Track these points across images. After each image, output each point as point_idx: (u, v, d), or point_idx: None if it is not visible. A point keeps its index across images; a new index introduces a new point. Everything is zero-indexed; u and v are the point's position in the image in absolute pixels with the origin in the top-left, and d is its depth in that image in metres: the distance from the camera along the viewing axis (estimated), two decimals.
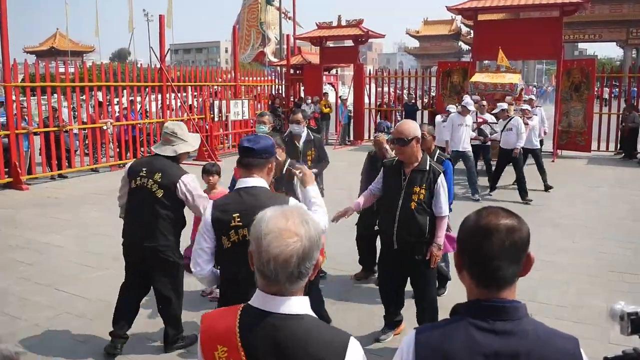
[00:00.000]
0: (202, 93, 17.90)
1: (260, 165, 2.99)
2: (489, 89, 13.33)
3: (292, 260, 1.53)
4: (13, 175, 11.79)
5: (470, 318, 1.53)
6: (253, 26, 43.29)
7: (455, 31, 67.71)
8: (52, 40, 63.17)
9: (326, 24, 20.97)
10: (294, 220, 1.58)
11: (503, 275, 1.53)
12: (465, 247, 1.60)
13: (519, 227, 1.56)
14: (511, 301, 1.54)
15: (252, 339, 1.57)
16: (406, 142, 4.19)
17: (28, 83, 12.61)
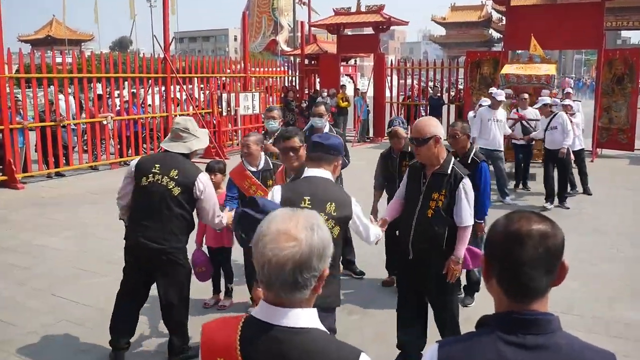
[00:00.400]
0: (209, 85, 18.01)
1: (329, 161, 3.53)
2: (522, 81, 12.83)
3: (286, 267, 1.51)
4: (7, 173, 11.97)
5: (499, 331, 1.52)
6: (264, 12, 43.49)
7: (486, 17, 67.45)
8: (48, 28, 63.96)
9: (344, 10, 21.00)
10: (297, 223, 1.56)
11: (535, 285, 1.52)
12: (494, 254, 1.59)
13: (553, 232, 1.54)
14: (544, 313, 1.53)
15: (254, 352, 1.57)
16: (422, 142, 4.09)
17: (23, 74, 12.80)
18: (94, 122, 13.97)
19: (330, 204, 3.41)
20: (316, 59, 22.51)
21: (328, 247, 1.58)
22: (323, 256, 1.56)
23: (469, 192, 4.18)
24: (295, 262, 1.51)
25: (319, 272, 1.56)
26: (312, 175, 3.50)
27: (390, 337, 4.79)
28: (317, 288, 1.59)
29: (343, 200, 3.51)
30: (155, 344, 5.03)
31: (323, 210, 3.34)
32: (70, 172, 13.60)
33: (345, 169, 6.86)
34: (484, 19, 68.10)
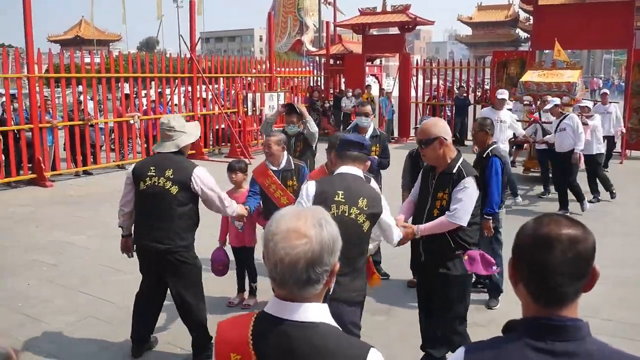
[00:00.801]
0: (234, 85, 18.09)
1: (363, 160, 3.75)
2: (542, 89, 12.26)
3: (299, 264, 1.53)
4: (36, 171, 12.15)
5: (527, 337, 1.49)
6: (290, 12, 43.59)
7: (513, 17, 66.74)
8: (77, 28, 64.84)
9: (370, 9, 20.95)
10: (306, 221, 1.58)
11: (565, 291, 1.49)
12: (523, 259, 1.55)
13: (584, 237, 1.50)
14: (573, 319, 1.49)
15: (265, 347, 1.59)
16: (427, 143, 4.07)
17: (52, 74, 12.99)
18: (121, 122, 14.11)
19: (363, 199, 3.52)
20: (341, 59, 22.49)
21: (337, 242, 1.61)
22: (333, 251, 1.59)
23: (468, 191, 4.04)
24: (308, 260, 1.53)
25: (330, 266, 1.59)
26: (346, 172, 3.64)
27: (414, 338, 4.76)
28: (328, 282, 1.62)
29: (374, 197, 3.61)
30: (181, 343, 5.06)
31: (355, 204, 3.49)
32: (97, 170, 13.77)
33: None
34: (510, 19, 67.38)
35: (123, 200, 4.68)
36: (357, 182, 3.61)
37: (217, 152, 17.06)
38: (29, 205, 10.43)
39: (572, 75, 12.31)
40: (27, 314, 5.69)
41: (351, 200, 3.50)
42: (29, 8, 11.99)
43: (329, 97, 21.68)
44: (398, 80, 20.35)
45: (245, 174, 5.89)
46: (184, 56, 17.28)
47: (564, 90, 11.96)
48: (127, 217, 4.70)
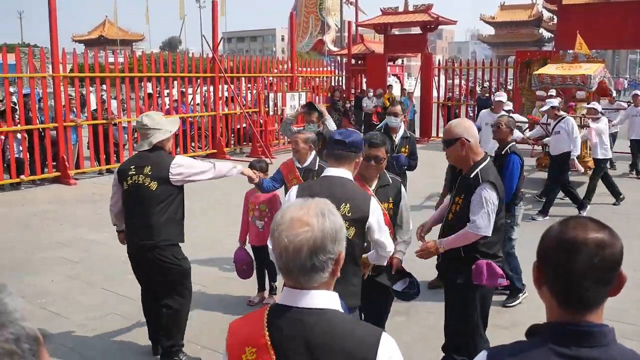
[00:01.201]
0: (256, 85, 18.15)
1: (350, 159, 3.34)
2: (556, 82, 11.93)
3: (302, 252, 1.58)
4: (61, 169, 12.31)
5: (551, 343, 1.46)
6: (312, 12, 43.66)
7: (536, 17, 66.19)
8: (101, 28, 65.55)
9: (392, 9, 20.92)
10: (308, 210, 1.64)
11: (590, 296, 1.46)
12: (548, 263, 1.51)
13: (611, 241, 1.46)
14: (599, 325, 1.47)
15: (280, 335, 1.62)
16: (449, 143, 3.95)
17: (76, 73, 13.15)
18: None
19: (345, 204, 3.22)
20: (363, 59, 22.48)
21: (341, 231, 1.66)
22: (337, 239, 1.64)
23: (483, 198, 3.83)
24: (310, 246, 1.59)
25: (334, 254, 1.64)
26: (331, 174, 3.34)
27: (434, 340, 4.73)
28: (335, 271, 1.66)
29: (360, 201, 3.30)
30: (203, 341, 5.08)
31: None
32: None
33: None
34: (534, 18, 66.83)
35: (112, 200, 4.72)
36: (341, 186, 3.27)
37: (238, 152, 17.13)
38: (53, 203, 10.57)
39: (588, 69, 11.83)
40: (50, 310, 5.77)
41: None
42: (54, 9, 12.14)
43: (350, 97, 21.65)
44: (420, 80, 20.26)
45: (266, 173, 5.89)
46: (206, 56, 17.38)
47: (579, 83, 11.58)
48: (117, 216, 4.74)
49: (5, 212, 9.88)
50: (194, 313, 5.55)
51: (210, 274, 6.78)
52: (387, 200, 3.93)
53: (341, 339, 1.58)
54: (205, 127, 16.04)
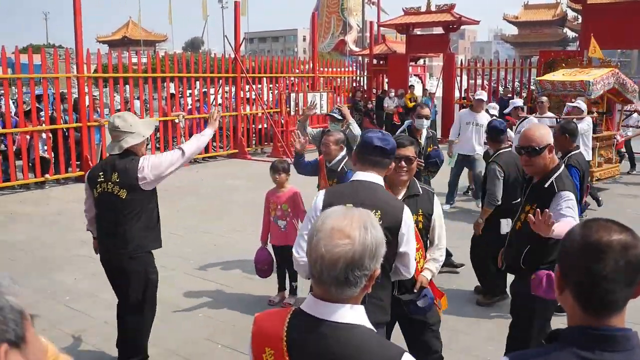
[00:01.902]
0: (277, 85, 18.19)
1: (385, 165, 3.15)
2: (557, 89, 11.51)
3: (338, 264, 1.53)
4: (84, 169, 12.45)
5: (574, 347, 1.45)
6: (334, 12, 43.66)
7: (560, 16, 65.51)
8: (124, 29, 66.20)
9: (414, 9, 20.82)
10: (351, 221, 1.58)
11: (614, 299, 1.45)
12: (571, 266, 1.50)
13: (634, 243, 1.45)
14: (622, 329, 1.46)
15: (298, 343, 1.60)
16: (535, 152, 3.75)
17: (101, 74, 13.30)
18: (166, 121, 14.34)
19: (376, 211, 2.93)
20: (384, 59, 22.41)
21: (381, 247, 1.59)
22: (375, 256, 1.58)
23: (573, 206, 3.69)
24: (348, 260, 1.53)
25: (370, 271, 1.58)
26: (361, 179, 3.11)
27: (452, 343, 4.71)
28: (367, 287, 1.61)
29: (393, 208, 3.05)
30: (219, 338, 5.11)
31: None
32: None
33: None
34: (558, 18, 66.13)
35: (85, 205, 4.56)
36: (372, 192, 3.06)
37: (259, 152, 17.19)
38: (77, 202, 10.69)
39: (593, 74, 11.22)
40: (73, 308, 5.84)
41: None
42: (79, 10, 12.29)
43: (371, 97, 21.61)
44: (442, 81, 20.16)
45: (288, 174, 5.91)
46: (228, 56, 17.48)
47: (579, 89, 11.03)
48: (91, 222, 4.59)
49: (31, 210, 10.03)
50: (213, 312, 5.61)
51: (231, 273, 6.82)
52: (416, 212, 3.59)
53: (359, 356, 1.54)
54: (226, 127, 16.11)
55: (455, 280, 6.62)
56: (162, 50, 46.01)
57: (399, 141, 3.61)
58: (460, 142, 9.68)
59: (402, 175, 3.63)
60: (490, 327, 5.36)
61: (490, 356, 4.75)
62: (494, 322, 5.47)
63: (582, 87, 10.86)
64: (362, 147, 3.17)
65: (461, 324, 5.45)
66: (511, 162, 5.78)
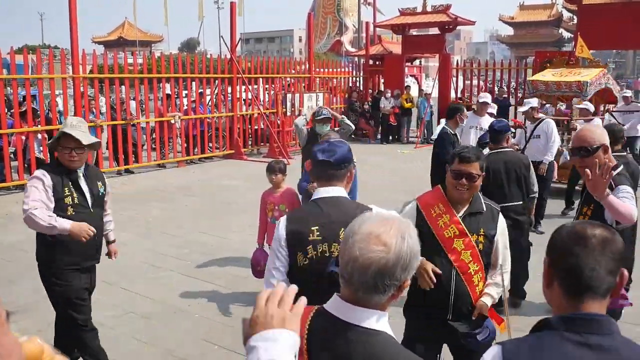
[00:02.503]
0: (274, 85, 18.20)
1: (341, 176, 2.86)
2: (551, 89, 10.89)
3: (370, 269, 1.53)
4: None
5: (562, 331, 1.55)
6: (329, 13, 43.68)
7: (556, 17, 65.67)
8: (120, 29, 66.11)
9: (410, 10, 20.89)
10: (389, 229, 1.57)
11: (597, 285, 1.57)
12: (558, 257, 1.65)
13: (614, 238, 1.62)
14: (604, 315, 1.58)
15: (318, 343, 1.60)
16: (588, 152, 3.67)
17: (96, 74, 13.28)
18: (162, 121, 14.33)
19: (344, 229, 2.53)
20: (381, 60, 22.43)
21: (415, 259, 1.59)
22: (408, 267, 1.57)
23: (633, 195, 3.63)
24: (380, 267, 1.53)
25: (400, 281, 1.58)
26: (323, 196, 2.82)
27: None
28: (395, 296, 1.60)
29: None
30: (215, 338, 5.12)
31: (335, 239, 2.64)
32: (138, 169, 14.01)
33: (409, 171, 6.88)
34: (554, 18, 66.28)
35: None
36: (337, 207, 2.76)
37: (255, 152, 17.19)
38: None
39: (586, 75, 10.71)
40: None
41: (330, 235, 2.67)
42: (75, 10, 12.27)
43: (367, 98, 21.62)
44: (438, 81, 20.19)
45: (285, 174, 5.91)
46: (224, 57, 17.47)
47: (575, 90, 10.46)
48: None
49: None
50: (210, 313, 5.61)
51: (228, 274, 6.82)
52: (477, 232, 3.29)
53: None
54: (222, 127, 16.11)
55: None
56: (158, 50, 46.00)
57: (463, 154, 3.35)
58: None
59: (463, 193, 3.31)
60: None
61: None
62: None
63: (579, 88, 10.36)
64: (312, 164, 2.95)
65: None
66: (498, 163, 5.71)
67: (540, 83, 11.01)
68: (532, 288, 5.82)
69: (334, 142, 2.93)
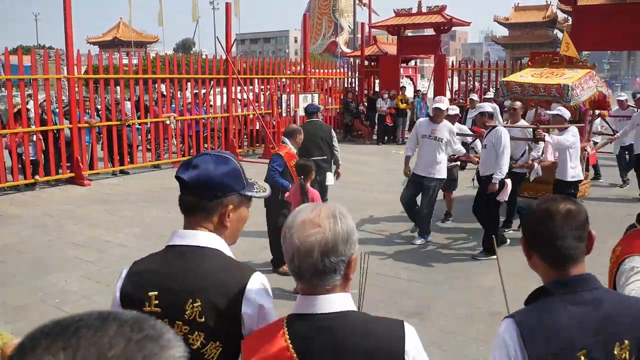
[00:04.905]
0: (269, 86, 18.19)
1: (209, 211, 1.93)
2: (527, 92, 9.31)
3: (313, 252, 1.56)
4: (75, 170, 12.40)
5: (560, 294, 1.78)
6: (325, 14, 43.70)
7: (551, 18, 65.80)
8: (115, 30, 65.90)
9: (405, 11, 20.88)
10: (319, 213, 1.62)
11: (572, 252, 1.81)
12: (532, 233, 1.90)
13: (577, 209, 1.86)
14: (588, 273, 1.84)
15: (306, 347, 1.58)
16: None
17: (91, 75, 13.25)
18: (157, 122, 14.31)
19: (193, 301, 1.83)
20: (376, 61, 22.44)
21: (353, 233, 1.63)
22: (349, 241, 1.61)
23: None
24: (322, 247, 1.57)
25: (346, 257, 1.61)
26: (177, 244, 1.94)
27: (445, 344, 4.72)
28: (347, 274, 1.64)
29: (223, 287, 1.85)
30: None
31: (179, 315, 1.84)
32: (133, 170, 13.98)
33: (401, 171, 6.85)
34: (548, 19, 66.40)
35: None
36: (189, 266, 1.88)
37: (251, 153, 17.18)
38: (67, 204, 10.65)
39: (571, 77, 9.18)
40: (64, 310, 5.81)
41: (172, 308, 1.85)
42: (69, 11, 12.23)
43: (362, 98, 21.62)
44: (433, 82, 20.22)
45: None
46: (219, 57, 17.45)
47: (554, 94, 8.91)
48: None
49: (21, 212, 9.98)
50: None
51: None
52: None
53: (368, 339, 1.57)
54: (218, 128, 16.09)
55: (449, 281, 6.66)
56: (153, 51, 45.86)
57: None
58: (418, 160, 8.09)
59: None
60: (481, 328, 5.38)
61: (481, 357, 4.77)
62: (486, 322, 5.49)
63: (559, 92, 8.75)
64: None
65: (453, 325, 5.47)
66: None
67: (515, 84, 9.45)
68: None
69: (213, 154, 1.97)
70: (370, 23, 24.34)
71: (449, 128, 8.01)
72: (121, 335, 0.76)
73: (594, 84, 9.33)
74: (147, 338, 0.76)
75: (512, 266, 6.03)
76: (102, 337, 0.76)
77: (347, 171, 9.99)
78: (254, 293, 1.85)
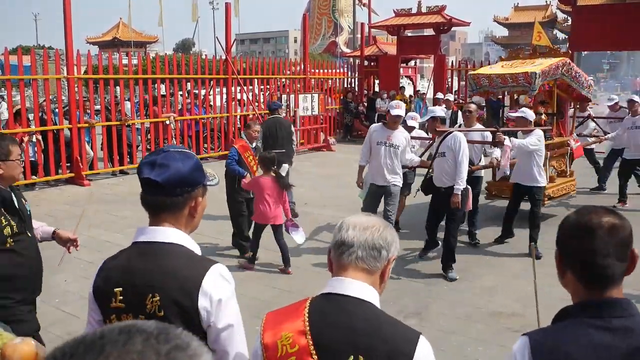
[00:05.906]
0: (269, 86, 18.18)
1: (174, 209, 2.01)
2: (495, 84, 8.85)
3: (370, 228, 1.74)
4: (74, 170, 12.40)
5: (585, 317, 1.61)
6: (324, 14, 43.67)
7: (550, 18, 65.83)
8: (115, 30, 65.87)
9: (405, 11, 20.88)
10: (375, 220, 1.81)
11: (611, 272, 1.62)
12: (568, 247, 1.70)
13: (621, 223, 1.65)
14: (623, 298, 1.64)
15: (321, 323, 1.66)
16: None
17: (91, 75, 13.24)
18: (157, 122, 14.30)
19: (152, 296, 1.89)
20: (376, 61, 22.44)
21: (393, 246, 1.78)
22: (389, 246, 1.76)
23: None
24: (378, 229, 1.75)
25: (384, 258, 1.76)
26: (142, 240, 2.10)
27: (444, 344, 4.72)
28: (384, 273, 1.77)
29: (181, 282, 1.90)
30: None
31: (141, 308, 1.90)
32: (133, 170, 13.97)
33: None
34: (548, 19, 66.37)
35: None
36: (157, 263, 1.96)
37: None
38: (67, 204, 10.65)
39: (539, 64, 8.64)
40: (64, 310, 5.82)
41: (134, 302, 1.91)
42: (69, 11, 12.23)
43: (362, 98, 21.62)
44: (433, 82, 20.23)
45: None
46: (219, 58, 17.44)
47: (523, 84, 8.41)
48: None
49: None
50: None
51: None
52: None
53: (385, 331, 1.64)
54: (218, 128, 16.08)
55: (446, 281, 6.65)
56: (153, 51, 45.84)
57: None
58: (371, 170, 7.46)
59: None
60: (481, 328, 5.38)
61: (480, 357, 4.77)
62: (485, 322, 5.49)
63: (527, 81, 8.28)
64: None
65: (452, 325, 5.47)
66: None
67: (483, 77, 8.93)
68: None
69: (175, 152, 2.00)
70: (370, 23, 24.33)
71: (405, 135, 7.46)
72: (149, 349, 0.75)
73: (563, 71, 8.79)
74: (175, 349, 0.76)
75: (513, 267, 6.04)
76: (130, 352, 0.74)
77: (346, 171, 10.02)
78: (210, 287, 1.89)
